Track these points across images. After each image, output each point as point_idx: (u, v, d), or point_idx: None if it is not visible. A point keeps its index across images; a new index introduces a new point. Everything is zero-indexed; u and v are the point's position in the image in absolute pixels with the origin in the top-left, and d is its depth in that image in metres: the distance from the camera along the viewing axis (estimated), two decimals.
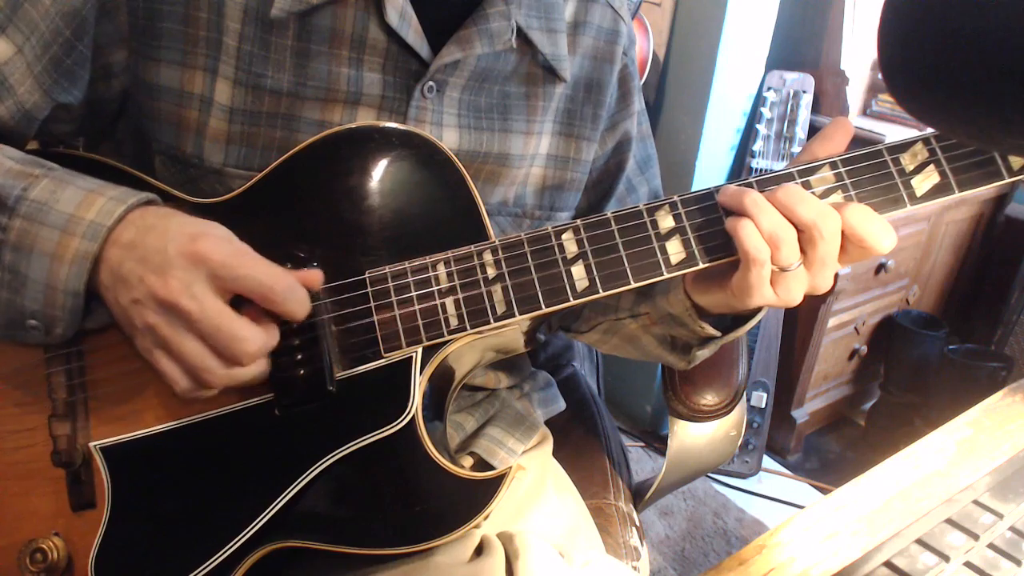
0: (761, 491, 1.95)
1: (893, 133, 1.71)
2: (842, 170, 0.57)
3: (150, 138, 0.64)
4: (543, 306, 0.57)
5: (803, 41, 1.84)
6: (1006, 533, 0.58)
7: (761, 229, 0.54)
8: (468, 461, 0.78)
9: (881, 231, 0.54)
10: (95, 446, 0.57)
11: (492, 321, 0.58)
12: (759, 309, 0.65)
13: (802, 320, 1.92)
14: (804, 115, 1.78)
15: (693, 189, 0.60)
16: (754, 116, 1.83)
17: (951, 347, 1.93)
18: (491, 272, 0.58)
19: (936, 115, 0.35)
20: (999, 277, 2.12)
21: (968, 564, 0.55)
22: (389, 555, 0.59)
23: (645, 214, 0.58)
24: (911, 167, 0.57)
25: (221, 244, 0.52)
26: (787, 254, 0.54)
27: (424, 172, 0.61)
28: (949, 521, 0.59)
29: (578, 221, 0.58)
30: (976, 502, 0.61)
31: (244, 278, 0.51)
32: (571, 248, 0.58)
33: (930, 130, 0.57)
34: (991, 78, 0.29)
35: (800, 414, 2.06)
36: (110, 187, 0.54)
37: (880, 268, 1.97)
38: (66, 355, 0.58)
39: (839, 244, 0.55)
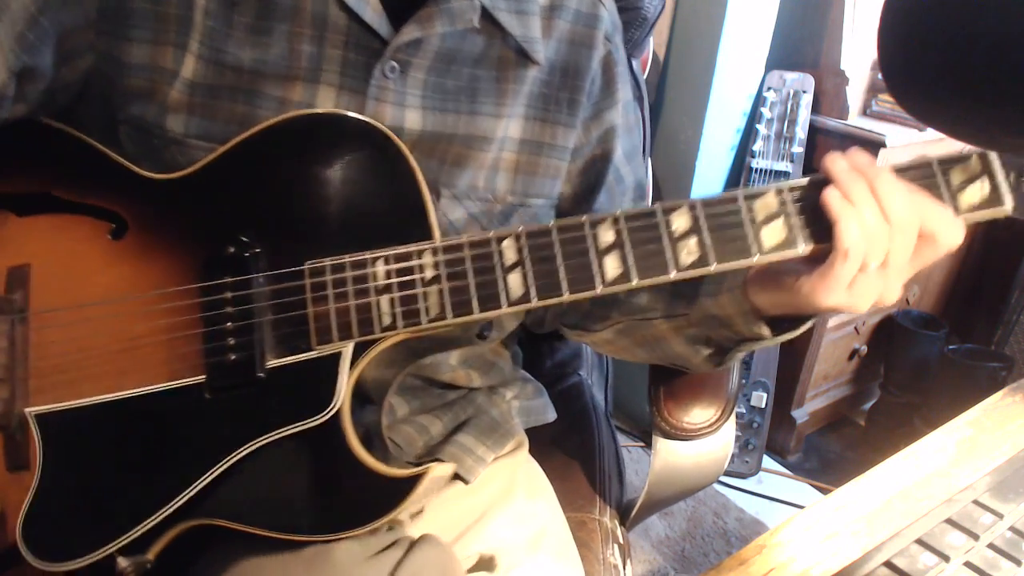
0: (761, 491, 1.94)
1: (893, 133, 1.71)
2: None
3: (115, 109, 0.64)
4: (475, 311, 0.57)
5: (803, 41, 1.84)
6: (1006, 533, 0.58)
7: (862, 223, 0.53)
8: (448, 466, 0.75)
9: (952, 224, 0.54)
10: (30, 412, 0.58)
11: (424, 322, 0.58)
12: (812, 316, 0.63)
13: None
14: (804, 115, 1.78)
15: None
16: (754, 116, 1.83)
17: (951, 347, 1.93)
18: (429, 273, 0.58)
19: (936, 115, 0.36)
20: (999, 277, 2.12)
21: (968, 564, 0.55)
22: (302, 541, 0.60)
23: (587, 226, 0.57)
24: (957, 181, 0.57)
25: None
26: (876, 252, 0.54)
27: (376, 165, 0.61)
28: (949, 521, 0.59)
29: (520, 228, 0.58)
30: (976, 502, 0.61)
31: None
32: (510, 256, 0.58)
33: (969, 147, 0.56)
34: (990, 78, 0.29)
35: (800, 414, 2.06)
36: None
37: None
38: (10, 320, 0.60)
39: (913, 247, 0.54)
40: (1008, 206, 0.56)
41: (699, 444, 0.85)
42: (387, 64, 0.64)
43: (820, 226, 0.55)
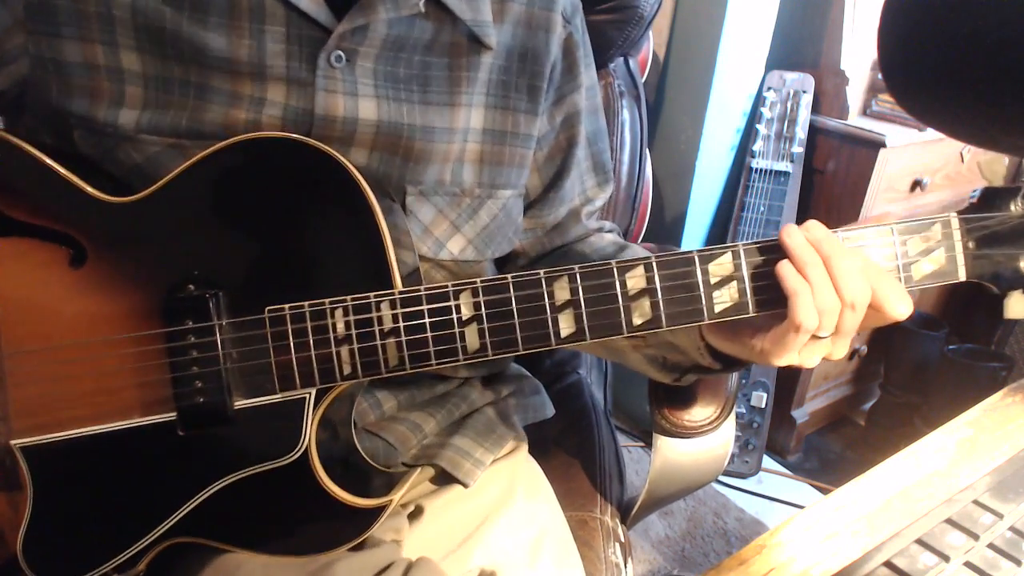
0: (761, 491, 1.94)
1: (893, 133, 1.71)
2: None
3: (66, 113, 0.63)
4: (433, 363, 0.59)
5: (803, 41, 1.84)
6: (1006, 533, 0.58)
7: (815, 301, 0.54)
8: (428, 472, 0.76)
9: (901, 299, 0.56)
10: (15, 445, 0.59)
11: (384, 372, 0.59)
12: None
13: None
14: (804, 115, 1.78)
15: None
16: (754, 116, 1.83)
17: (951, 347, 1.93)
18: (387, 325, 0.58)
19: (935, 115, 0.36)
20: None
21: (968, 564, 0.55)
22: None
23: (543, 283, 0.58)
24: (915, 251, 0.58)
25: None
26: (828, 325, 0.55)
27: (335, 203, 0.60)
28: (949, 521, 0.59)
29: (478, 282, 0.58)
30: (976, 502, 0.61)
31: None
32: (467, 311, 0.58)
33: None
34: (990, 78, 0.28)
35: (800, 414, 2.06)
36: None
37: None
38: None
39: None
40: (962, 277, 0.58)
41: (699, 442, 0.85)
42: (333, 53, 0.62)
43: (773, 292, 0.57)
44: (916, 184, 1.85)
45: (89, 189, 0.60)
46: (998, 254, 0.58)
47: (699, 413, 0.85)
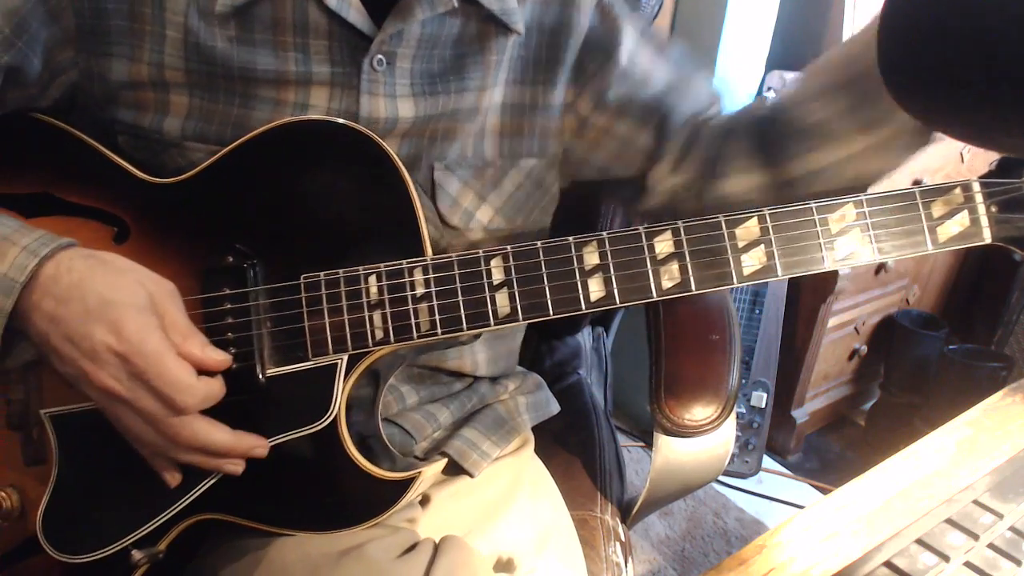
0: (761, 491, 1.94)
1: None
2: (865, 209, 0.60)
3: (112, 120, 0.65)
4: (465, 327, 0.59)
5: (803, 41, 1.84)
6: (1006, 533, 0.58)
7: None
8: (440, 463, 0.77)
9: None
10: (45, 414, 0.60)
11: (415, 337, 0.59)
12: None
13: (802, 320, 1.92)
14: None
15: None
16: None
17: (951, 347, 1.93)
18: (420, 290, 0.59)
19: (935, 115, 0.36)
20: (999, 277, 2.12)
21: (968, 564, 0.55)
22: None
23: (572, 248, 0.59)
24: (939, 214, 0.60)
25: (139, 331, 0.53)
26: None
27: (371, 179, 0.62)
28: (949, 521, 0.59)
29: (508, 248, 0.60)
30: (976, 502, 0.61)
31: (152, 376, 0.53)
32: (498, 275, 0.59)
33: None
34: (990, 79, 0.29)
35: (800, 414, 2.06)
36: (24, 232, 0.55)
37: (880, 268, 1.96)
38: None
39: None
40: (987, 239, 0.59)
41: (700, 441, 0.85)
42: (375, 58, 0.65)
43: (804, 254, 0.59)
44: (916, 184, 1.85)
45: (135, 171, 0.63)
46: (1020, 219, 0.59)
47: (700, 413, 0.85)
